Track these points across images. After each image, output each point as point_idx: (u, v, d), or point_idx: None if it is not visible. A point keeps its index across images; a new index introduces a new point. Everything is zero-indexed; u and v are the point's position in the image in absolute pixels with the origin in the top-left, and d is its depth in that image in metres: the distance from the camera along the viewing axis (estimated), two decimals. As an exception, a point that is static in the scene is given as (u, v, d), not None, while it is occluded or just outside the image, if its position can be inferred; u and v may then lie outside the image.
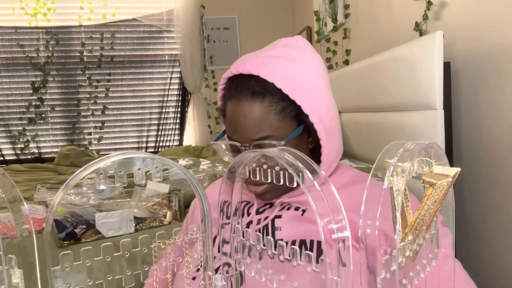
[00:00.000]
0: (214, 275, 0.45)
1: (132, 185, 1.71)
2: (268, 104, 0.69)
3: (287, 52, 0.73)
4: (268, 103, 0.69)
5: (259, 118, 0.69)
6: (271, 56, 0.72)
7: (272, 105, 0.69)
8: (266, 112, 0.69)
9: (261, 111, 0.69)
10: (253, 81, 0.69)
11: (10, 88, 3.20)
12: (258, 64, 0.70)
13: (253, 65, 0.70)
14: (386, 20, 1.80)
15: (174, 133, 3.51)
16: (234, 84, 0.73)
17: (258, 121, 0.69)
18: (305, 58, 0.73)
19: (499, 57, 1.10)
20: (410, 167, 0.32)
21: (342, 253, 0.30)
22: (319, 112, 0.70)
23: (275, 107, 0.69)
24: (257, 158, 0.41)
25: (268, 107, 0.69)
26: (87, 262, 0.38)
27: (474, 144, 1.21)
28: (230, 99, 0.73)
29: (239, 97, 0.71)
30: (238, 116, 0.71)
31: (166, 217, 1.51)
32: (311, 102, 0.69)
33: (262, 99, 0.69)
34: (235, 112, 0.72)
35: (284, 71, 0.69)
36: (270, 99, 0.69)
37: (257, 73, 0.69)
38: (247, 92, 0.70)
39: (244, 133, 0.70)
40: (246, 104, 0.70)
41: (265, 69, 0.69)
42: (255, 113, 0.69)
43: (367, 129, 1.53)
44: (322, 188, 0.31)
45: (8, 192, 0.33)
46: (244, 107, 0.70)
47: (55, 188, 2.05)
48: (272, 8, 3.54)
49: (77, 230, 1.34)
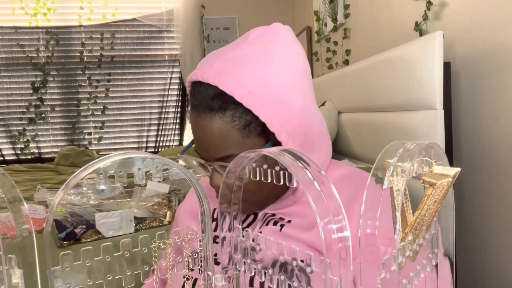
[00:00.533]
0: (214, 275, 0.45)
1: (132, 185, 1.71)
2: (229, 120, 0.60)
3: (258, 49, 0.62)
4: (229, 118, 0.60)
5: (220, 135, 0.61)
6: (236, 57, 0.62)
7: (235, 120, 0.60)
8: (228, 128, 0.60)
9: (222, 128, 0.60)
10: (212, 93, 0.60)
11: (10, 88, 3.21)
12: (218, 71, 0.60)
13: (211, 72, 0.61)
14: (386, 20, 1.80)
15: (174, 133, 3.51)
16: (195, 93, 0.64)
17: (219, 139, 0.61)
18: (281, 55, 0.62)
19: (499, 57, 1.10)
20: (410, 167, 0.32)
21: (342, 253, 0.30)
22: (289, 127, 0.61)
23: (237, 122, 0.60)
24: (256, 158, 0.41)
25: (229, 123, 0.60)
26: (87, 262, 0.38)
27: (474, 144, 1.21)
28: (192, 111, 0.65)
29: (198, 110, 0.62)
30: (199, 133, 0.63)
31: (166, 217, 1.51)
32: (279, 116, 0.60)
33: (222, 114, 0.60)
34: (195, 127, 0.64)
35: (247, 80, 0.59)
36: (231, 114, 0.60)
37: (215, 83, 0.59)
38: (205, 107, 0.61)
39: (207, 151, 0.63)
40: (205, 119, 0.61)
41: (224, 78, 0.59)
42: (215, 130, 0.61)
43: (367, 129, 1.53)
44: (322, 188, 0.31)
45: (8, 192, 0.33)
46: (203, 122, 0.62)
47: (55, 188, 2.05)
48: (272, 8, 3.54)
49: (77, 230, 1.34)
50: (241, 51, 0.63)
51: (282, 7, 3.55)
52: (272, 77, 0.60)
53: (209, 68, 0.61)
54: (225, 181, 0.42)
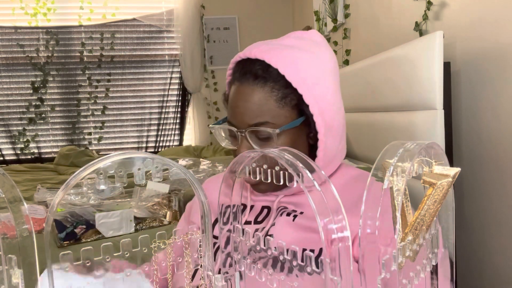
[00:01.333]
0: (214, 275, 0.45)
1: (132, 185, 1.71)
2: (269, 90, 0.68)
3: (298, 43, 0.72)
4: (269, 88, 0.68)
5: (258, 102, 0.68)
6: (280, 44, 0.72)
7: (274, 91, 0.68)
8: (266, 97, 0.68)
9: (261, 96, 0.68)
10: (257, 65, 0.69)
11: (10, 88, 3.20)
12: (265, 49, 0.69)
13: (260, 50, 0.69)
14: (386, 20, 1.80)
15: (174, 133, 3.51)
16: (240, 68, 0.72)
17: (257, 106, 0.68)
18: (317, 51, 0.71)
19: (499, 57, 1.10)
20: (410, 167, 0.32)
21: (342, 253, 0.30)
22: (321, 104, 0.68)
23: (276, 93, 0.68)
24: (257, 158, 0.41)
25: (269, 93, 0.68)
26: (87, 262, 0.38)
27: (474, 144, 1.21)
28: (234, 83, 0.73)
29: (242, 81, 0.70)
30: (238, 99, 0.70)
31: (166, 217, 1.51)
32: (314, 93, 0.68)
33: (263, 84, 0.68)
34: (236, 95, 0.71)
35: (290, 58, 0.68)
36: (272, 85, 0.68)
37: (262, 57, 0.68)
38: (250, 76, 0.69)
39: (242, 117, 0.70)
40: (247, 88, 0.69)
41: (271, 54, 0.68)
42: (255, 97, 0.69)
43: (367, 129, 1.53)
44: (322, 188, 0.31)
45: (8, 192, 0.33)
46: (245, 90, 0.70)
47: (55, 188, 2.05)
48: (272, 8, 3.54)
49: (77, 230, 1.34)
50: (284, 41, 0.73)
51: (282, 7, 3.55)
52: (311, 63, 0.69)
53: (254, 48, 0.71)
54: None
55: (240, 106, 0.70)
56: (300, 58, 0.69)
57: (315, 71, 0.69)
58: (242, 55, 0.72)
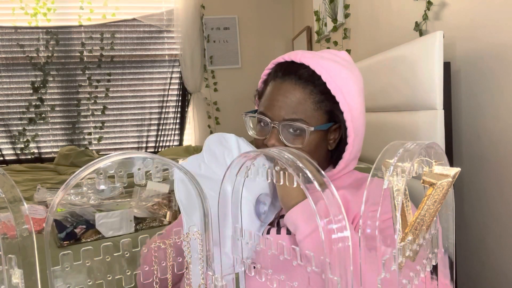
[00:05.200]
0: (214, 275, 0.45)
1: (132, 185, 1.71)
2: (309, 92, 0.75)
3: (335, 59, 0.80)
4: (309, 91, 0.75)
5: (297, 101, 0.75)
6: (322, 56, 0.79)
7: (312, 94, 0.75)
8: (305, 98, 0.75)
9: (301, 95, 0.75)
10: (302, 69, 0.76)
11: (10, 88, 3.20)
12: (310, 57, 0.77)
13: (305, 56, 0.77)
14: (386, 20, 1.80)
15: (174, 133, 3.50)
16: (283, 68, 0.79)
17: (296, 103, 0.75)
18: (351, 68, 0.80)
19: (499, 57, 1.10)
20: (410, 167, 0.32)
21: (342, 253, 0.30)
22: (353, 112, 0.76)
23: (314, 97, 0.75)
24: (256, 158, 0.41)
25: (308, 94, 0.75)
26: (87, 262, 0.38)
27: (474, 144, 1.21)
28: (275, 80, 0.79)
29: (285, 78, 0.77)
30: (279, 94, 0.76)
31: (166, 217, 1.51)
32: (349, 102, 0.75)
33: (305, 85, 0.75)
34: (277, 90, 0.77)
35: (332, 68, 0.76)
36: (311, 88, 0.75)
37: (307, 63, 0.76)
38: (294, 76, 0.76)
39: (279, 110, 0.76)
40: (290, 85, 0.76)
41: (316, 62, 0.76)
42: (295, 95, 0.75)
43: (367, 129, 1.53)
44: (322, 188, 0.31)
45: (8, 192, 0.33)
46: (287, 87, 0.76)
47: (55, 188, 2.05)
48: (272, 8, 3.54)
49: (77, 230, 1.34)
50: (324, 54, 0.81)
51: (282, 7, 3.55)
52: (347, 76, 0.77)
53: (300, 54, 0.77)
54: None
55: (280, 100, 0.76)
56: (339, 70, 0.76)
57: (351, 83, 0.76)
58: (287, 57, 0.79)
